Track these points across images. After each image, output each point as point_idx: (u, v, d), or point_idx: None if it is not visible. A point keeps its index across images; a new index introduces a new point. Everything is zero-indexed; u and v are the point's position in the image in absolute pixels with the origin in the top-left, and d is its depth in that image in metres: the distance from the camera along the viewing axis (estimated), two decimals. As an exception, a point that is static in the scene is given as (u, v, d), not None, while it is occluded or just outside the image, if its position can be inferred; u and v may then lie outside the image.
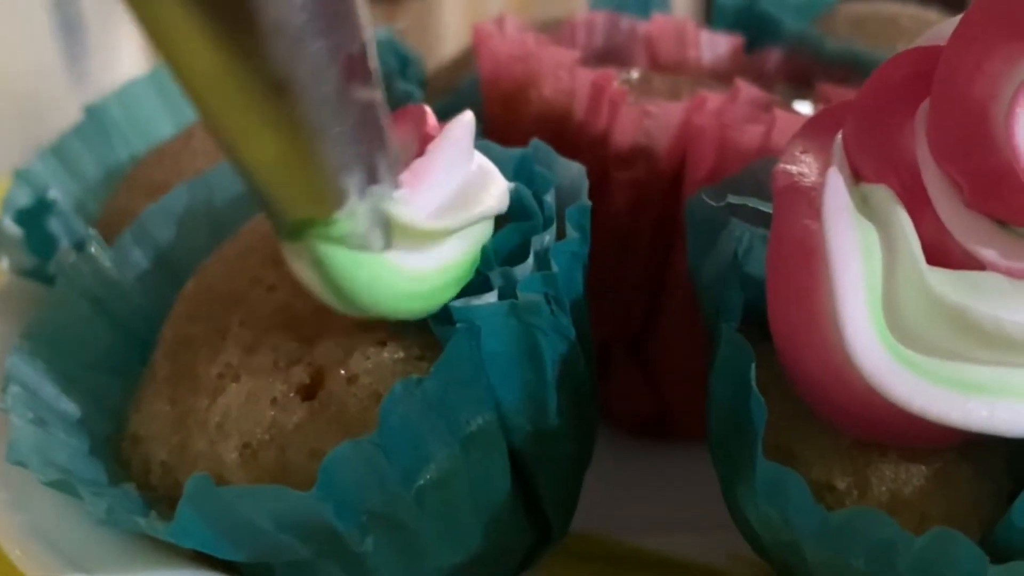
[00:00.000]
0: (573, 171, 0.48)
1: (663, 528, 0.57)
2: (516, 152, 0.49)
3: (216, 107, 0.35)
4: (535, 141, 0.49)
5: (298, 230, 0.38)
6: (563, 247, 0.44)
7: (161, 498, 0.43)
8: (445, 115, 0.48)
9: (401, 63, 0.71)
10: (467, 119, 0.44)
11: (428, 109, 0.45)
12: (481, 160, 0.46)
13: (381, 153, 0.38)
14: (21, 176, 0.64)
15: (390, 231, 0.40)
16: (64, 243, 0.59)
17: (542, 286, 0.42)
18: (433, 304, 0.42)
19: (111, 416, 0.47)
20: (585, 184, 0.47)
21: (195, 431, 0.43)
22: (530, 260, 0.43)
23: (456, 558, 0.45)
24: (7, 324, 0.57)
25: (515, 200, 0.47)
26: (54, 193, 0.63)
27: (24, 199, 0.63)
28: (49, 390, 0.46)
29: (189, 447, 0.43)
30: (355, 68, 0.36)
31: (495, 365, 0.42)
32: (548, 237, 0.44)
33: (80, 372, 0.47)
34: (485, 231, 0.45)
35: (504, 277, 0.43)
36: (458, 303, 0.42)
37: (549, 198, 0.46)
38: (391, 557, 0.43)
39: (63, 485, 0.41)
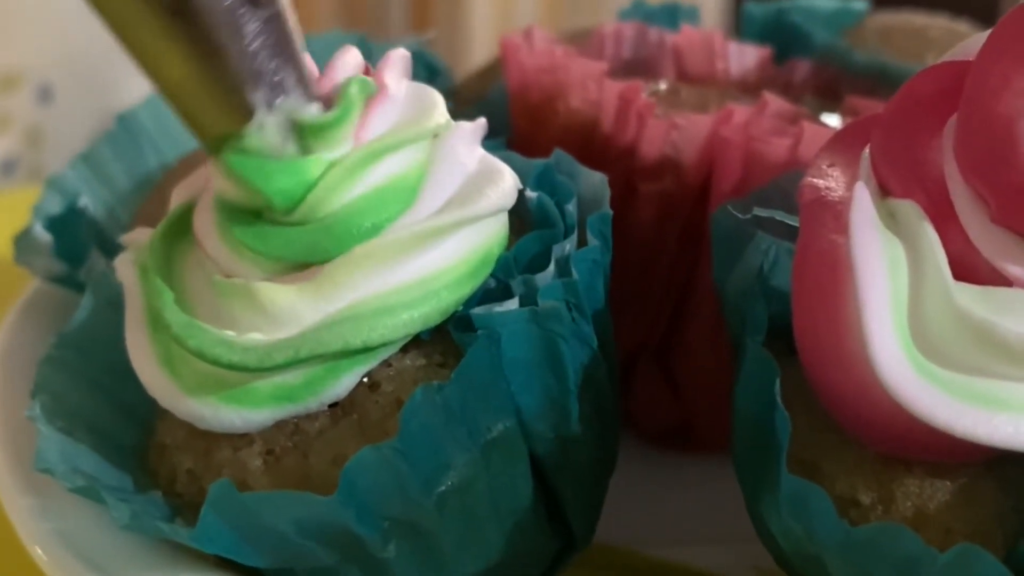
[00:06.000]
0: (595, 180, 0.48)
1: (686, 540, 0.57)
2: (538, 163, 0.49)
3: (124, 31, 0.38)
4: (557, 151, 0.50)
5: (217, 146, 0.41)
6: (584, 255, 0.44)
7: (187, 505, 0.43)
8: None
9: (430, 73, 0.71)
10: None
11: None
12: (486, 156, 0.47)
13: (289, 67, 0.41)
14: (52, 183, 0.65)
15: (305, 139, 0.42)
16: (94, 250, 0.60)
17: (563, 293, 0.43)
18: (440, 304, 0.42)
19: (139, 426, 0.47)
20: (607, 193, 0.47)
21: (219, 438, 0.43)
22: (551, 268, 0.43)
23: (478, 566, 0.45)
24: (36, 330, 0.58)
25: (537, 209, 0.47)
26: (84, 201, 0.64)
27: (55, 206, 0.64)
28: (78, 399, 0.47)
29: (213, 454, 0.43)
30: None
31: (516, 372, 0.42)
32: (569, 245, 0.44)
33: (109, 382, 0.47)
34: (495, 230, 0.45)
35: (525, 284, 0.43)
36: (479, 310, 0.42)
37: (571, 207, 0.46)
38: (413, 564, 0.43)
39: (88, 492, 0.42)
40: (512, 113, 0.64)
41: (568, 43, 0.65)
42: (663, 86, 0.61)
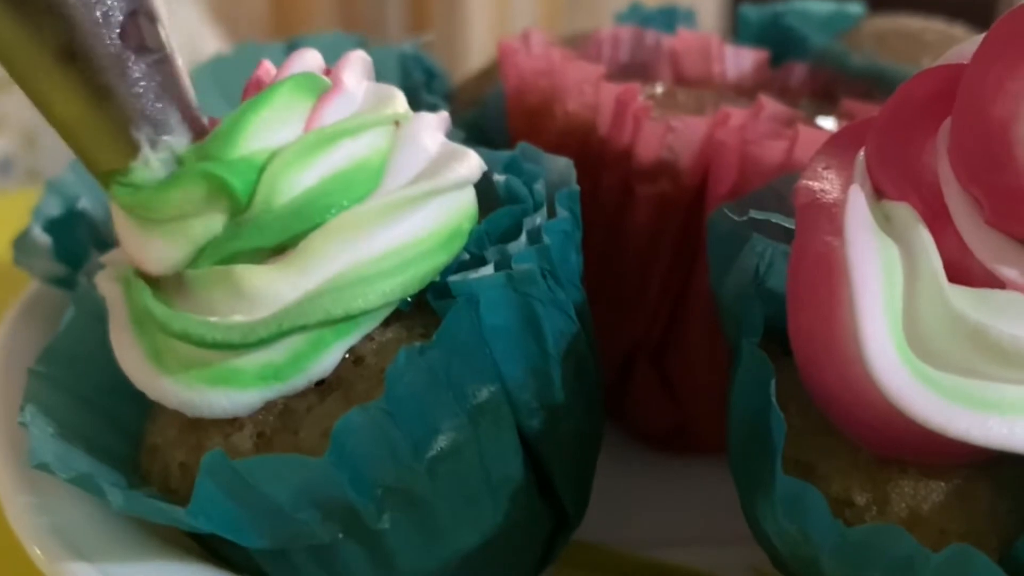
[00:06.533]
0: (561, 165, 0.49)
1: (682, 541, 0.57)
2: (504, 153, 0.50)
3: (16, 70, 0.41)
4: (522, 144, 0.51)
5: (107, 180, 0.44)
6: (555, 225, 0.45)
7: (181, 501, 0.43)
8: (471, 128, 0.49)
9: (427, 76, 0.71)
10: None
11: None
12: (449, 143, 0.48)
13: (173, 107, 0.44)
14: (51, 186, 0.65)
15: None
16: (93, 252, 0.60)
17: (537, 259, 0.43)
18: (416, 272, 0.43)
19: (128, 438, 0.48)
20: (573, 175, 0.48)
21: (210, 428, 0.44)
22: (523, 238, 0.45)
23: (474, 539, 0.45)
24: (36, 331, 0.58)
25: (505, 189, 0.48)
26: (84, 203, 0.64)
27: (54, 208, 0.64)
28: (67, 413, 0.47)
29: (205, 445, 0.43)
30: (134, 31, 0.42)
31: (497, 340, 0.43)
32: (540, 218, 0.45)
33: (96, 396, 0.48)
34: (462, 204, 0.46)
35: (499, 253, 0.44)
36: (456, 277, 0.43)
37: (538, 186, 0.47)
38: (410, 536, 0.43)
39: (83, 481, 0.42)
40: (509, 116, 0.64)
41: (565, 46, 0.65)
42: (660, 89, 0.61)
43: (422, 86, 0.69)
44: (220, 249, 0.43)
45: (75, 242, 0.62)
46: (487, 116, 0.67)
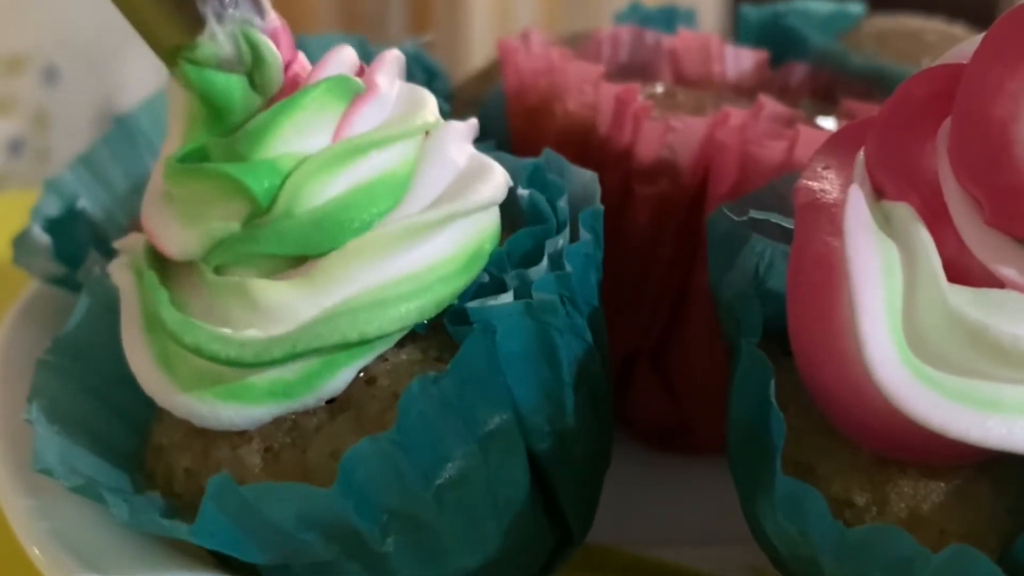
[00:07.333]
0: (585, 178, 0.49)
1: (683, 541, 0.57)
2: (529, 162, 0.50)
3: None
4: (547, 151, 0.50)
5: (172, 56, 0.44)
6: (577, 249, 0.44)
7: (186, 505, 0.44)
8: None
9: (428, 76, 0.71)
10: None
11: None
12: (477, 154, 0.47)
13: None
14: (50, 186, 0.65)
15: (251, 53, 0.44)
16: (92, 252, 0.60)
17: (557, 287, 0.43)
18: (435, 296, 0.43)
19: (136, 432, 0.47)
20: (598, 190, 0.47)
21: (216, 438, 0.43)
22: (544, 262, 0.44)
23: (476, 560, 0.45)
24: (36, 331, 0.58)
25: (528, 205, 0.48)
26: (83, 203, 0.64)
27: (53, 208, 0.64)
28: (74, 405, 0.47)
29: (211, 453, 0.43)
30: None
31: (512, 365, 0.42)
32: (562, 240, 0.45)
33: (105, 387, 0.48)
34: (485, 225, 0.45)
35: (519, 278, 0.44)
36: (474, 304, 0.42)
37: (562, 203, 0.47)
38: (412, 557, 0.43)
39: (87, 490, 0.42)
40: (509, 115, 0.64)
41: (565, 46, 0.65)
42: (659, 89, 0.61)
43: (423, 85, 0.69)
44: (236, 248, 0.43)
45: (74, 242, 0.62)
46: (487, 116, 0.67)
